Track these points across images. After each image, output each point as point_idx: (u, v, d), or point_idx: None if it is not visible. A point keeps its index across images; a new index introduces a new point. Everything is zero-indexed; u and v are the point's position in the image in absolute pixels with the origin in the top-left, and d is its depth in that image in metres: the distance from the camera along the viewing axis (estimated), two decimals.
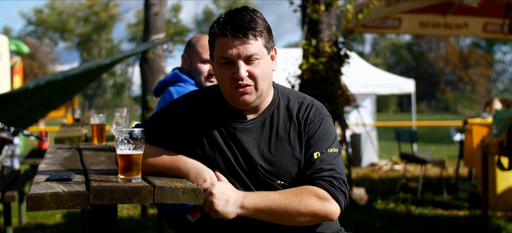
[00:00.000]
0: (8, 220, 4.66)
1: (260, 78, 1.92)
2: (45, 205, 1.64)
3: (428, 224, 5.63)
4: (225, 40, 1.89)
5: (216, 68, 1.96)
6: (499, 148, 5.14)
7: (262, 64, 1.92)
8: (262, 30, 1.92)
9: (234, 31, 1.87)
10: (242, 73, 1.89)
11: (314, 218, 1.88)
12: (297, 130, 1.99)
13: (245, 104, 1.95)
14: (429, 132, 24.98)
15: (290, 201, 1.85)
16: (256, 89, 1.93)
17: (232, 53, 1.89)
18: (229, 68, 1.91)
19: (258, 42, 1.91)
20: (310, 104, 2.03)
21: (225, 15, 1.92)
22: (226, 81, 1.92)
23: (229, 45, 1.88)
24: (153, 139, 2.06)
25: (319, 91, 6.43)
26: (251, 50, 1.89)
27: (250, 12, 1.91)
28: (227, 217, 1.84)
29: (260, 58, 1.91)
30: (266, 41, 1.94)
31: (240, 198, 1.86)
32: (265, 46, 1.94)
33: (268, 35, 1.95)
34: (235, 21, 1.88)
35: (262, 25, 1.92)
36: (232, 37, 1.88)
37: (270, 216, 1.86)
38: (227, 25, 1.88)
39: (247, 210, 1.85)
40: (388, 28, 8.49)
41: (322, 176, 1.91)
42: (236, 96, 1.93)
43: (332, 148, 1.97)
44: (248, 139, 1.98)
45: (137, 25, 51.60)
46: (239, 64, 1.89)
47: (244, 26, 1.88)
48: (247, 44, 1.88)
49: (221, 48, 1.90)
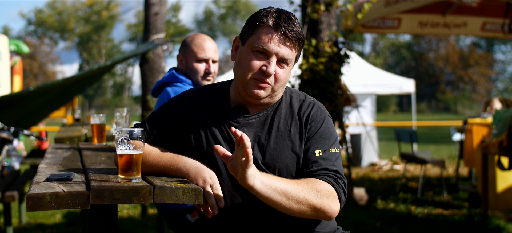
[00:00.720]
0: (8, 220, 4.67)
1: (281, 82, 1.97)
2: (45, 205, 1.64)
3: (428, 224, 5.63)
4: (272, 33, 1.92)
5: (244, 52, 1.96)
6: (499, 148, 5.14)
7: (287, 70, 1.97)
8: (302, 44, 1.98)
9: (286, 31, 1.91)
10: (272, 69, 1.92)
11: (317, 213, 1.88)
12: (298, 127, 2.01)
13: (256, 97, 1.96)
14: (429, 132, 24.98)
15: (302, 188, 1.86)
16: (273, 90, 1.97)
17: (273, 48, 1.91)
18: (261, 58, 1.93)
19: (294, 52, 1.96)
20: (312, 103, 2.06)
21: (278, 12, 1.95)
22: (251, 69, 1.93)
23: (274, 40, 1.91)
24: (152, 138, 2.06)
25: (319, 91, 6.43)
26: (288, 55, 1.94)
27: (298, 22, 1.97)
28: (252, 183, 1.79)
29: (288, 65, 1.96)
30: (299, 53, 2.01)
31: (259, 174, 1.83)
32: (296, 57, 2.00)
33: (301, 50, 2.01)
34: (289, 23, 1.93)
35: (303, 39, 1.98)
36: (282, 35, 1.92)
37: (281, 199, 1.83)
38: (282, 22, 1.92)
39: (264, 186, 1.82)
40: (388, 28, 8.49)
41: (328, 174, 1.93)
42: (251, 87, 1.94)
43: (334, 147, 1.99)
44: (249, 133, 1.99)
45: (137, 25, 51.60)
46: (272, 60, 1.92)
47: (295, 32, 1.93)
48: (288, 49, 1.93)
49: (265, 38, 1.92)
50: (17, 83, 10.11)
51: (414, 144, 7.98)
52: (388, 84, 13.60)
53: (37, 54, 47.93)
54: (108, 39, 54.63)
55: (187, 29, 54.49)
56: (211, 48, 3.05)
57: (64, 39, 53.83)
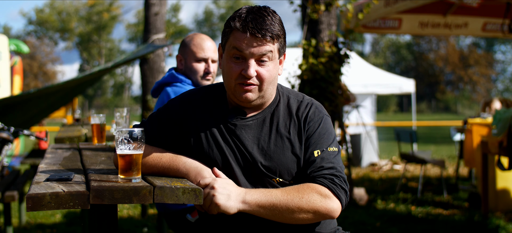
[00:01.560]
0: (8, 220, 4.67)
1: (267, 80, 1.94)
2: (45, 205, 1.64)
3: (428, 224, 5.63)
4: (243, 36, 1.90)
5: (225, 60, 1.96)
6: (499, 148, 5.14)
7: (271, 67, 1.94)
8: (280, 35, 1.93)
9: (254, 30, 1.88)
10: (251, 72, 1.90)
11: (316, 215, 1.88)
12: (297, 128, 2.00)
13: (247, 101, 1.95)
14: (429, 132, 24.98)
15: (292, 197, 1.86)
16: (260, 90, 1.95)
17: (247, 50, 1.90)
18: (239, 63, 1.92)
19: (273, 46, 1.92)
20: (310, 103, 2.05)
21: (247, 12, 1.92)
22: (233, 76, 1.93)
23: (246, 42, 1.89)
24: (152, 139, 2.06)
25: (319, 91, 6.42)
26: (265, 51, 1.91)
27: (271, 14, 1.93)
28: (228, 211, 1.84)
29: (270, 61, 1.93)
30: (280, 46, 1.96)
31: (242, 193, 1.86)
32: (279, 50, 1.96)
33: (283, 40, 1.97)
34: (257, 20, 1.89)
35: (281, 30, 1.94)
36: (251, 36, 1.89)
37: (272, 212, 1.86)
38: (249, 23, 1.89)
39: (248, 205, 1.85)
40: (389, 28, 8.49)
41: (323, 174, 1.92)
42: (239, 92, 1.94)
43: (332, 146, 1.99)
44: (248, 135, 1.99)
45: (137, 25, 51.59)
46: (250, 62, 1.90)
47: (265, 28, 1.89)
48: (263, 46, 1.90)
49: (237, 42, 1.91)
50: (17, 83, 10.11)
51: (414, 144, 7.98)
52: (388, 84, 13.60)
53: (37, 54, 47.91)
54: (108, 40, 54.62)
55: (187, 29, 54.48)
56: (210, 47, 3.05)
57: (64, 39, 53.82)
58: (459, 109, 50.98)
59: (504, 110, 5.33)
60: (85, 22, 51.48)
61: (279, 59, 2.00)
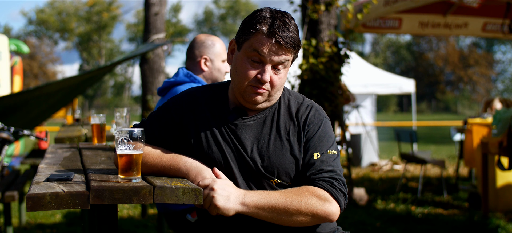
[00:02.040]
0: (8, 220, 4.66)
1: (278, 87, 1.96)
2: (45, 205, 1.64)
3: (428, 224, 5.63)
4: (267, 40, 1.89)
5: (240, 59, 1.95)
6: (499, 148, 5.14)
7: (283, 74, 1.96)
8: (299, 45, 1.95)
9: (280, 38, 1.88)
10: (267, 77, 1.91)
11: (314, 218, 1.88)
12: (296, 130, 2.00)
13: (254, 104, 1.96)
14: (429, 132, 24.98)
15: (290, 200, 1.86)
16: (269, 95, 1.96)
17: (268, 56, 1.90)
18: (256, 66, 1.92)
19: (290, 56, 1.94)
20: (310, 105, 2.05)
21: (272, 17, 1.91)
22: (248, 77, 1.92)
23: (269, 48, 1.89)
24: (152, 139, 2.06)
25: (319, 91, 6.42)
26: (283, 60, 1.92)
27: (293, 23, 1.93)
28: (227, 213, 1.84)
29: (284, 68, 1.95)
30: (295, 55, 1.98)
31: (241, 195, 1.86)
32: (292, 60, 1.98)
33: (298, 51, 1.98)
34: (283, 29, 1.89)
35: (300, 42, 1.95)
36: (276, 43, 1.89)
37: (271, 215, 1.86)
38: (276, 29, 1.88)
39: (247, 207, 1.85)
40: (389, 28, 8.50)
41: (322, 177, 1.92)
42: (248, 94, 1.94)
43: (332, 149, 1.99)
44: (248, 135, 1.99)
45: (137, 25, 51.58)
46: (267, 68, 1.91)
47: (290, 36, 1.90)
48: (283, 55, 1.91)
49: (259, 46, 1.90)
50: (17, 83, 10.11)
51: (414, 144, 7.98)
52: (388, 84, 13.60)
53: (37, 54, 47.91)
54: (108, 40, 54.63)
55: (187, 30, 54.46)
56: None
57: (64, 39, 53.83)
58: (459, 109, 50.97)
59: (504, 111, 5.33)
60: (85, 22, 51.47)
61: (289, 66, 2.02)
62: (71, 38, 53.26)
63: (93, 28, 51.61)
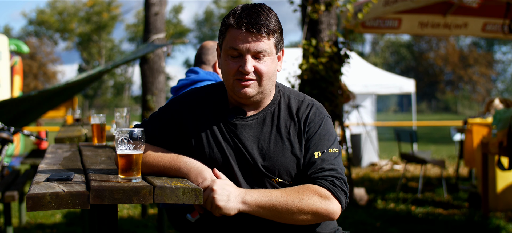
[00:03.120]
0: (8, 220, 4.67)
1: (265, 76, 1.94)
2: (45, 205, 1.64)
3: (428, 224, 5.63)
4: (238, 32, 1.91)
5: (223, 58, 1.97)
6: (499, 148, 5.14)
7: (269, 62, 1.94)
8: (275, 30, 1.94)
9: (249, 25, 1.89)
10: (249, 67, 1.91)
11: (315, 217, 1.88)
12: (297, 128, 2.00)
13: (246, 97, 1.96)
14: (429, 132, 24.97)
15: (292, 199, 1.86)
16: (259, 85, 1.95)
17: (243, 46, 1.90)
18: (236, 60, 1.93)
19: (269, 41, 1.93)
20: (311, 104, 2.04)
21: (241, 9, 1.94)
22: (231, 73, 1.94)
23: (241, 39, 1.90)
24: (153, 139, 2.06)
25: (319, 91, 6.42)
26: (261, 47, 1.91)
27: (266, 10, 1.94)
28: (228, 213, 1.84)
29: (268, 56, 1.94)
30: (277, 41, 1.96)
31: (242, 194, 1.87)
32: (276, 46, 1.96)
33: (280, 36, 1.97)
34: (251, 16, 1.90)
35: (276, 25, 1.94)
36: (246, 31, 1.90)
37: (272, 213, 1.86)
38: (243, 19, 1.90)
39: (248, 206, 1.86)
40: (388, 28, 8.49)
41: (323, 175, 1.92)
42: (238, 89, 1.94)
43: (333, 148, 1.98)
44: (248, 135, 1.99)
45: (137, 25, 51.57)
46: (247, 58, 1.91)
47: (260, 23, 1.90)
48: (258, 41, 1.91)
49: (233, 39, 1.92)
50: (17, 83, 10.11)
51: (414, 144, 7.98)
52: (388, 84, 13.59)
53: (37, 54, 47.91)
54: (109, 40, 54.61)
55: (188, 30, 54.45)
56: None
57: (64, 39, 53.82)
58: (459, 109, 50.95)
59: (504, 111, 5.33)
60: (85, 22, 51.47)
61: (277, 55, 2.00)
62: (71, 38, 53.24)
63: (93, 28, 51.59)
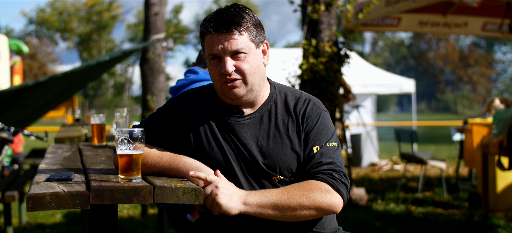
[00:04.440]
0: (8, 220, 4.66)
1: (248, 72, 1.94)
2: (45, 205, 1.64)
3: (428, 224, 5.63)
4: (210, 36, 1.93)
5: (208, 65, 1.99)
6: (499, 148, 5.14)
7: (250, 58, 1.94)
8: (248, 26, 1.93)
9: (217, 26, 1.90)
10: (228, 68, 1.91)
11: (318, 211, 1.89)
12: (295, 124, 2.01)
13: (236, 97, 1.96)
14: (429, 132, 24.97)
15: (292, 195, 1.86)
16: (245, 83, 1.95)
17: (217, 49, 1.91)
18: (217, 64, 1.94)
19: (243, 37, 1.92)
20: (307, 99, 2.05)
21: (213, 13, 1.96)
22: (216, 77, 1.95)
23: (215, 41, 1.92)
24: (152, 139, 2.06)
25: (319, 91, 6.42)
26: (236, 45, 1.91)
27: (237, 9, 1.94)
28: (229, 212, 1.84)
29: (247, 53, 1.93)
30: (253, 35, 1.95)
31: (243, 195, 1.87)
32: (252, 40, 1.95)
33: (255, 29, 1.96)
34: (219, 17, 1.91)
35: (249, 20, 1.94)
36: (217, 33, 1.91)
37: (274, 212, 1.86)
38: (211, 22, 1.92)
39: (250, 206, 1.86)
40: (387, 26, 8.49)
41: (322, 170, 1.92)
42: (226, 91, 1.95)
43: (331, 142, 1.99)
44: (246, 134, 1.99)
45: (137, 25, 51.57)
46: (225, 59, 1.92)
47: (228, 22, 1.90)
48: (231, 40, 1.91)
49: (208, 45, 1.94)
50: (17, 83, 10.11)
51: (414, 144, 7.98)
52: (388, 84, 13.59)
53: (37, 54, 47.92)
54: (109, 40, 54.60)
55: (188, 30, 54.44)
56: None
57: (64, 39, 53.82)
58: (459, 109, 50.96)
59: (504, 111, 5.33)
60: (85, 22, 51.47)
61: (261, 49, 1.99)
62: (71, 38, 53.25)
63: (93, 28, 51.60)
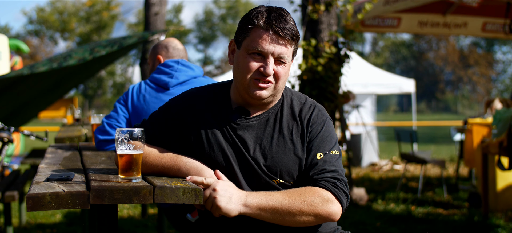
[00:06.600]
0: (8, 220, 4.66)
1: (282, 80, 1.97)
2: (45, 205, 1.64)
3: (428, 224, 5.63)
4: (265, 34, 1.92)
5: (241, 55, 1.97)
6: (499, 148, 5.14)
7: (286, 68, 1.97)
8: (298, 37, 1.97)
9: (278, 28, 1.91)
10: (270, 70, 1.92)
11: (317, 218, 1.89)
12: (299, 129, 2.01)
13: (260, 98, 1.97)
14: (429, 132, 24.97)
15: (293, 201, 1.86)
16: (274, 88, 1.97)
17: (268, 48, 1.91)
18: (258, 60, 1.93)
19: (291, 48, 1.96)
20: (313, 106, 2.06)
21: (268, 11, 1.94)
22: (250, 71, 1.94)
23: (267, 40, 1.91)
24: (153, 139, 2.06)
25: (319, 91, 6.42)
26: (285, 52, 1.94)
27: (290, 17, 1.96)
28: (229, 214, 1.84)
29: (286, 62, 1.96)
30: (295, 49, 2.00)
31: (243, 196, 1.86)
32: (293, 53, 2.00)
33: (297, 44, 2.00)
34: (280, 20, 1.92)
35: (298, 32, 1.97)
36: (274, 34, 1.91)
37: (273, 216, 1.86)
38: (272, 21, 1.91)
39: (249, 208, 1.86)
40: (387, 26, 8.49)
41: (325, 177, 1.92)
42: (253, 88, 1.95)
43: (334, 150, 2.00)
44: (250, 135, 1.99)
45: (137, 25, 51.58)
46: (270, 60, 1.92)
47: (287, 28, 1.92)
48: (284, 46, 1.93)
49: (259, 40, 1.92)
50: None
51: (414, 144, 7.98)
52: (388, 84, 13.60)
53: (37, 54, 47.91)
54: None
55: (188, 30, 54.44)
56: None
57: (64, 39, 53.82)
58: (459, 109, 50.97)
59: (504, 111, 5.32)
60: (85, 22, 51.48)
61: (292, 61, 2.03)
62: (71, 38, 53.25)
63: (93, 27, 51.61)
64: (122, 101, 2.86)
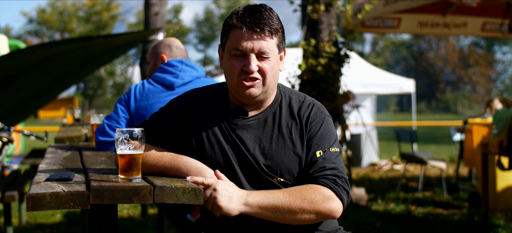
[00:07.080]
0: (8, 220, 4.66)
1: (269, 75, 1.95)
2: (45, 205, 1.64)
3: (428, 224, 5.63)
4: (241, 32, 1.91)
5: (226, 58, 1.98)
6: (499, 148, 5.14)
7: (272, 62, 1.95)
8: (278, 29, 1.95)
9: (252, 24, 1.90)
10: (253, 66, 1.91)
11: (318, 216, 1.89)
12: (299, 128, 2.01)
13: (250, 97, 1.96)
14: (429, 132, 24.97)
15: (294, 199, 1.86)
16: (263, 85, 1.96)
17: (246, 46, 1.91)
18: (240, 60, 1.93)
19: (272, 41, 1.94)
20: (311, 104, 2.06)
21: (244, 9, 1.95)
22: (235, 73, 1.94)
23: (245, 38, 1.91)
24: (153, 139, 2.06)
25: (319, 91, 6.43)
26: (265, 46, 1.92)
27: (268, 10, 1.95)
28: (230, 213, 1.84)
29: (271, 56, 1.94)
30: (279, 41, 1.98)
31: (244, 195, 1.86)
32: (278, 45, 1.97)
33: (282, 35, 1.99)
34: (254, 15, 1.91)
35: (278, 24, 1.96)
36: (249, 31, 1.91)
37: (274, 214, 1.86)
38: (246, 18, 1.91)
39: (250, 207, 1.85)
40: (388, 27, 8.50)
41: (325, 175, 1.93)
42: (242, 89, 1.95)
43: (334, 147, 1.99)
44: (249, 135, 1.99)
45: (137, 25, 51.58)
46: (251, 57, 1.92)
47: (262, 22, 1.91)
48: (262, 40, 1.92)
49: (236, 39, 1.92)
50: None
51: (414, 144, 7.98)
52: (388, 84, 13.60)
53: None
54: None
55: (188, 30, 54.45)
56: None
57: None
58: (459, 109, 50.97)
59: (504, 111, 5.33)
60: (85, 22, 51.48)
61: (280, 55, 2.01)
62: None
63: (93, 28, 51.62)
64: (123, 102, 2.86)
